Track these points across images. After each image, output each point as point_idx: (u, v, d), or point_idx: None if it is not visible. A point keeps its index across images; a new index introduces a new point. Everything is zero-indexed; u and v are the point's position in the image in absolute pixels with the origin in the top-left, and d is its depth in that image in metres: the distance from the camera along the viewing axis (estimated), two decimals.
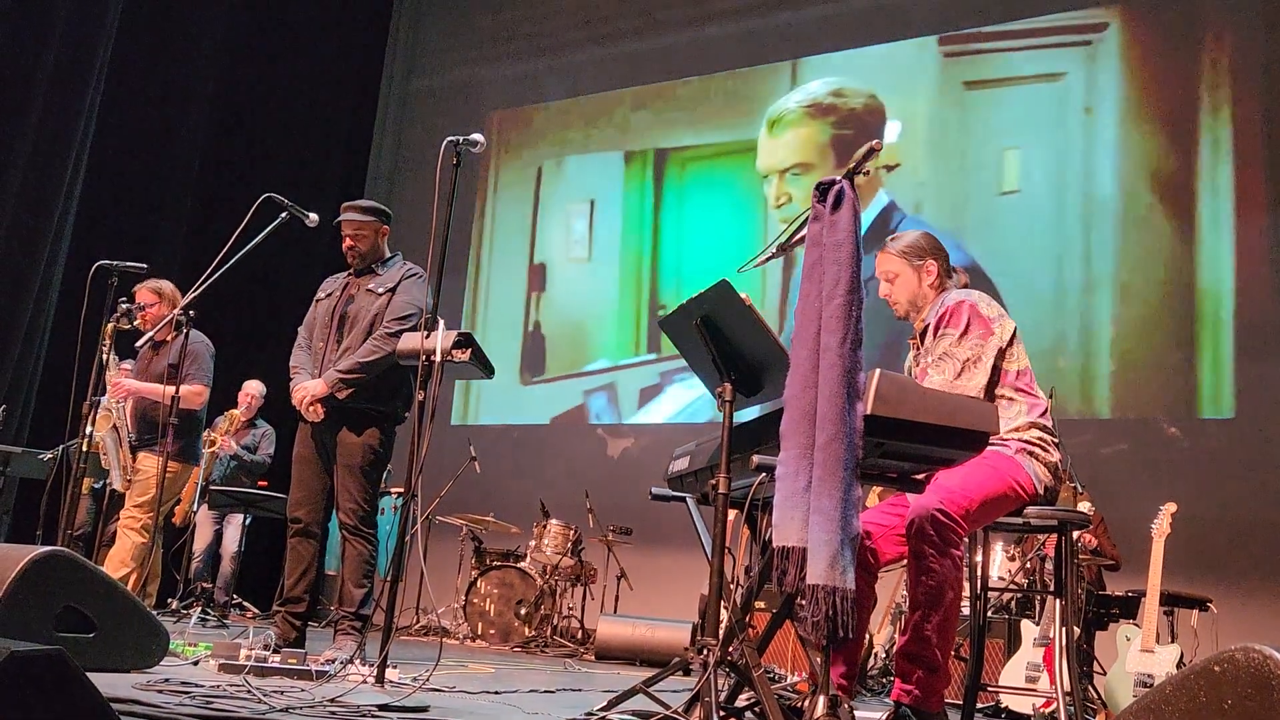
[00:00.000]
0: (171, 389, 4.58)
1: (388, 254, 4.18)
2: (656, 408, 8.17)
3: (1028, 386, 2.89)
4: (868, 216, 7.49)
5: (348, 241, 4.11)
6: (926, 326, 2.96)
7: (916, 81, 7.68)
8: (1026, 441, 2.82)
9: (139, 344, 5.13)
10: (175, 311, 4.77)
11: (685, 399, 8.01)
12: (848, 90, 8.01)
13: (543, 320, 8.87)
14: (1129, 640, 4.31)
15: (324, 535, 4.07)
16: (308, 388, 3.93)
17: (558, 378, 8.65)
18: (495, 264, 9.21)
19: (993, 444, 2.65)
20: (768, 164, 8.22)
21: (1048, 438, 2.86)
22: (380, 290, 4.04)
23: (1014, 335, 2.90)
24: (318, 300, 4.20)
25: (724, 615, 2.50)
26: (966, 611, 3.68)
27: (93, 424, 4.56)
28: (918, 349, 3.04)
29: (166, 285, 5.24)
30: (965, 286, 3.07)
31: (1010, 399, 2.86)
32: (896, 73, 7.78)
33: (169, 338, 5.10)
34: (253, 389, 7.12)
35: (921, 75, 7.67)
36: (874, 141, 2.48)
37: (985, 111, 7.40)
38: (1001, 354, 2.86)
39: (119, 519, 4.96)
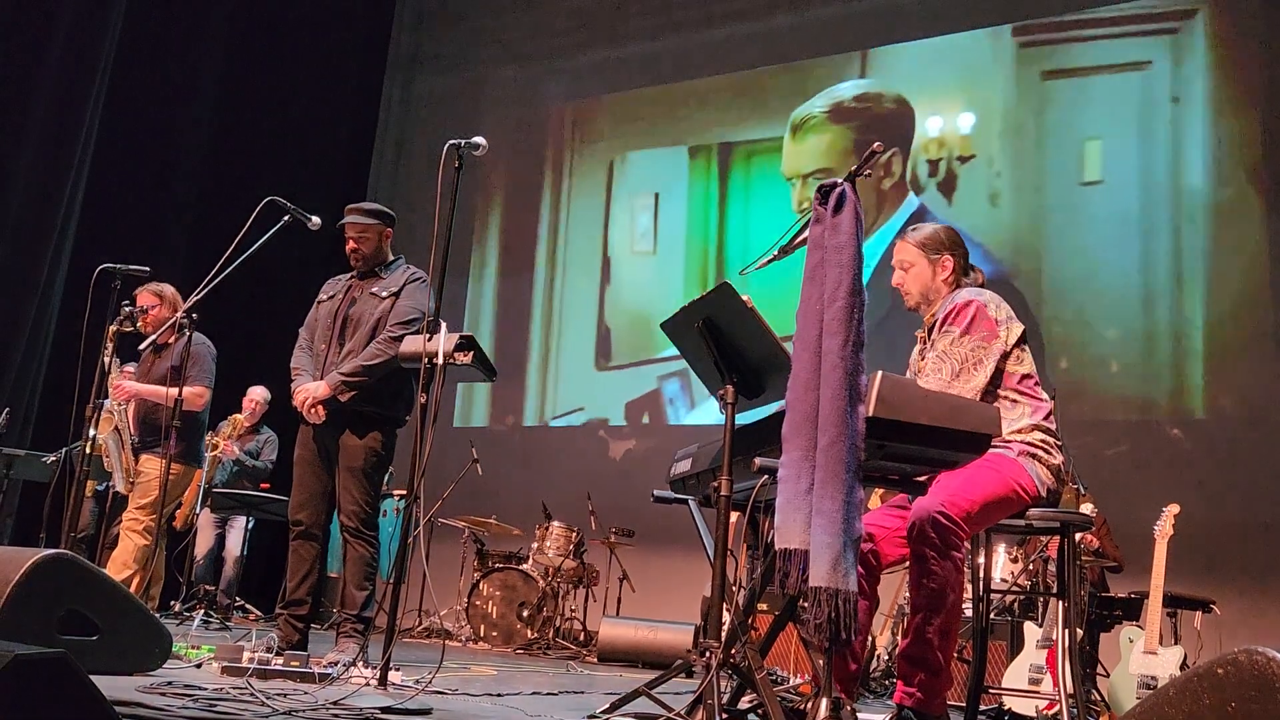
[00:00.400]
0: (174, 391, 4.58)
1: (390, 257, 4.18)
2: None
3: (1031, 390, 2.89)
4: (897, 220, 7.43)
5: (350, 244, 4.11)
6: (935, 321, 2.97)
7: (991, 72, 7.55)
8: (1029, 444, 2.82)
9: (142, 347, 5.14)
10: (178, 315, 4.77)
11: None
12: (873, 94, 7.95)
13: (608, 312, 8.79)
14: (1132, 642, 4.31)
15: (326, 538, 4.06)
16: (310, 389, 3.93)
17: (630, 364, 8.53)
18: (570, 257, 9.11)
19: (995, 446, 2.65)
20: (792, 168, 8.17)
21: (1050, 440, 2.85)
22: (384, 294, 4.03)
23: (1021, 338, 2.90)
24: (319, 302, 4.20)
25: (726, 617, 2.49)
26: (969, 613, 3.67)
27: (95, 427, 4.56)
28: (924, 343, 3.05)
29: (168, 288, 5.25)
30: (981, 286, 3.06)
31: (1014, 401, 2.86)
32: (970, 63, 7.64)
33: (171, 340, 5.11)
34: (257, 395, 7.11)
35: (997, 65, 7.53)
36: (875, 144, 2.49)
37: (1065, 102, 7.24)
38: (1005, 357, 2.86)
39: (122, 521, 4.96)
